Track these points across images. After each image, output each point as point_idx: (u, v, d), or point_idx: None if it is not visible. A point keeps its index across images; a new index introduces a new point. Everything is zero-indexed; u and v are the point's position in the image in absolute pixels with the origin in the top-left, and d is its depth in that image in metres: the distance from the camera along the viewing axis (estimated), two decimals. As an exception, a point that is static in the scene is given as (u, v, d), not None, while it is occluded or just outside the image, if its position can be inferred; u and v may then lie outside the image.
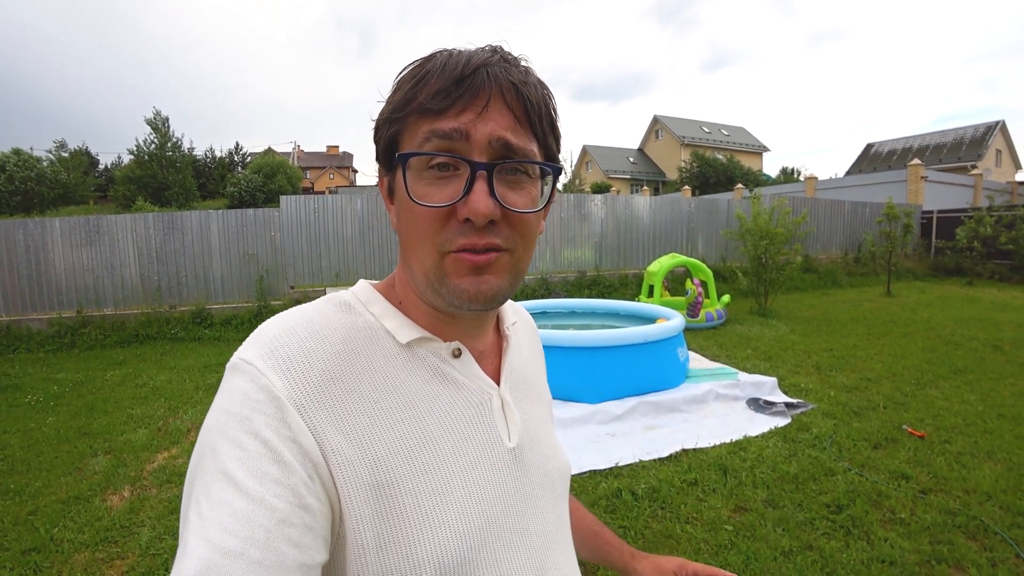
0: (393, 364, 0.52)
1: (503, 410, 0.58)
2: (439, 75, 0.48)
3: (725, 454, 3.23)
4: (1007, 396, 4.33)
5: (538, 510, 0.59)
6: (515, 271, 0.53)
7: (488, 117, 0.48)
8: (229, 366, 0.48)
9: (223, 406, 0.45)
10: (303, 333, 0.49)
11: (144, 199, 24.71)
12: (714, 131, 41.81)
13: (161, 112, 29.00)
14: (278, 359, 0.46)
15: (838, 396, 4.28)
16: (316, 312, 0.53)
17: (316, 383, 0.47)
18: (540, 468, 0.61)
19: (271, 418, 0.43)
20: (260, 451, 0.42)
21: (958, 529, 2.50)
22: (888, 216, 10.42)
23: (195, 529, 0.40)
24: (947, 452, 3.30)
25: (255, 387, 0.45)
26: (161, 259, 8.06)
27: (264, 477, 0.41)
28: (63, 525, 2.75)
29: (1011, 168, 32.39)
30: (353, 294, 0.57)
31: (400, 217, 0.53)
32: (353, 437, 0.47)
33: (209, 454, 0.43)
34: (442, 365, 0.55)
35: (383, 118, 0.52)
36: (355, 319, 0.53)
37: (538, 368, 0.74)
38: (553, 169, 0.53)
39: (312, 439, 0.44)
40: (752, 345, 6.09)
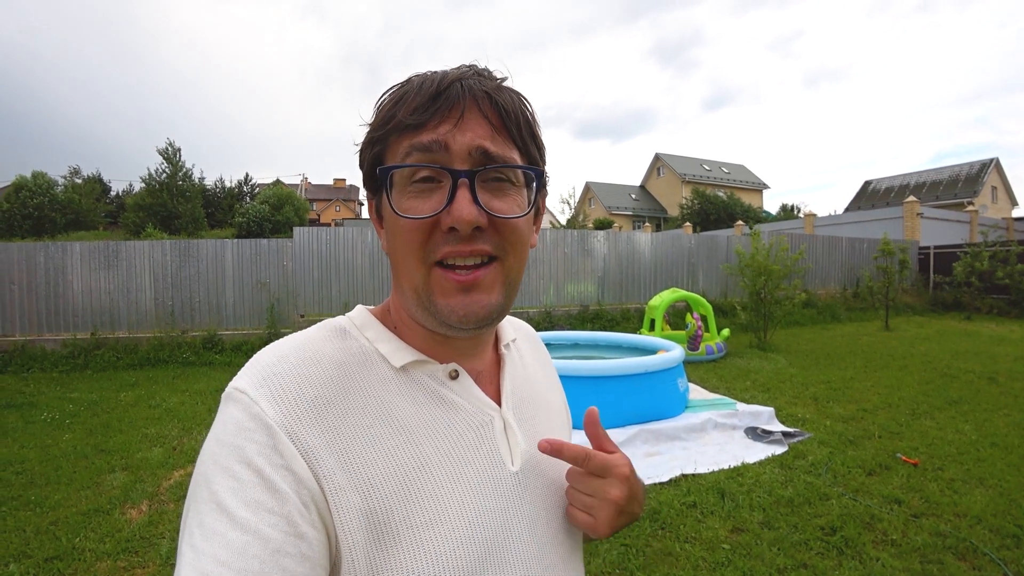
0: (388, 389, 0.51)
1: (505, 432, 0.56)
2: (416, 93, 0.49)
3: (723, 479, 3.34)
4: (1001, 426, 4.43)
5: (546, 536, 0.56)
6: (507, 283, 0.52)
7: (465, 127, 0.48)
8: (224, 395, 0.48)
9: (217, 435, 0.45)
10: (296, 360, 0.49)
11: (154, 227, 25.15)
12: (715, 169, 42.59)
13: (174, 143, 29.79)
14: (270, 386, 0.46)
15: (834, 426, 4.39)
16: (310, 339, 0.53)
17: (309, 409, 0.46)
18: (548, 494, 0.58)
19: (263, 446, 0.43)
20: (253, 480, 0.42)
21: (948, 550, 2.60)
22: (884, 252, 10.63)
23: (188, 562, 0.40)
24: (940, 479, 3.40)
25: (247, 415, 0.44)
26: (176, 285, 8.30)
27: (258, 507, 0.41)
28: (84, 535, 2.86)
29: (1007, 204, 32.83)
30: (349, 319, 0.57)
31: (388, 235, 0.53)
32: (346, 463, 0.46)
33: (203, 484, 0.43)
34: (439, 388, 0.54)
35: (365, 141, 0.53)
36: (349, 344, 0.53)
37: (546, 382, 0.71)
38: (536, 173, 0.53)
39: (305, 465, 0.44)
40: (751, 377, 6.21)
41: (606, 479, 0.55)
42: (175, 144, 29.79)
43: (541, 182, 0.55)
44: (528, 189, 0.53)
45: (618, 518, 0.56)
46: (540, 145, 0.55)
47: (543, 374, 0.71)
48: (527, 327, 0.76)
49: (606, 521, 0.55)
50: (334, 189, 58.27)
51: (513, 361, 0.64)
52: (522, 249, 0.53)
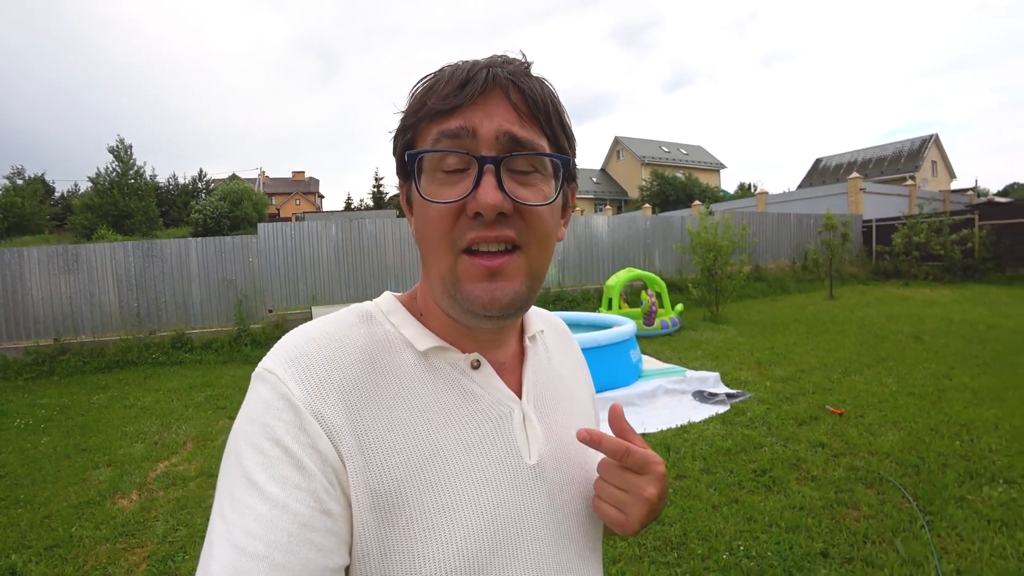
0: (410, 375, 0.52)
1: (524, 425, 0.56)
2: (446, 82, 0.50)
3: (671, 436, 3.73)
4: (919, 378, 4.95)
5: (562, 531, 0.56)
6: (532, 275, 0.52)
7: (493, 114, 0.49)
8: (254, 375, 0.49)
9: (247, 413, 0.47)
10: (323, 342, 0.51)
11: (106, 228, 24.29)
12: (673, 150, 43.51)
13: (124, 140, 28.73)
14: (298, 367, 0.48)
15: (773, 386, 4.84)
16: (338, 322, 0.54)
17: (334, 391, 0.48)
18: (567, 490, 0.58)
19: (290, 425, 0.45)
20: (281, 457, 0.43)
21: (859, 481, 3.02)
22: (827, 226, 11.31)
23: (220, 532, 0.42)
24: (860, 424, 3.85)
25: (275, 395, 0.46)
26: (140, 286, 8.25)
27: (286, 482, 0.43)
28: (79, 525, 3.02)
29: (946, 177, 34.68)
30: (375, 305, 0.57)
31: (417, 222, 0.53)
32: (366, 445, 0.47)
33: (234, 459, 0.45)
34: (460, 377, 0.54)
35: (398, 129, 0.54)
36: (375, 329, 0.54)
37: (573, 377, 0.70)
38: (563, 162, 0.52)
39: (330, 444, 0.45)
40: (702, 347, 6.67)
41: (643, 476, 0.54)
42: (125, 141, 28.73)
43: (569, 172, 0.54)
44: (556, 179, 0.53)
45: (649, 516, 0.55)
46: (570, 135, 0.55)
47: (570, 369, 0.71)
48: (558, 321, 0.76)
49: (638, 518, 0.54)
50: (293, 182, 57.08)
51: (537, 354, 0.64)
52: (547, 241, 0.52)
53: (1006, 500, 2.75)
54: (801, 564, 2.29)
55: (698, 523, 2.62)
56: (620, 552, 2.44)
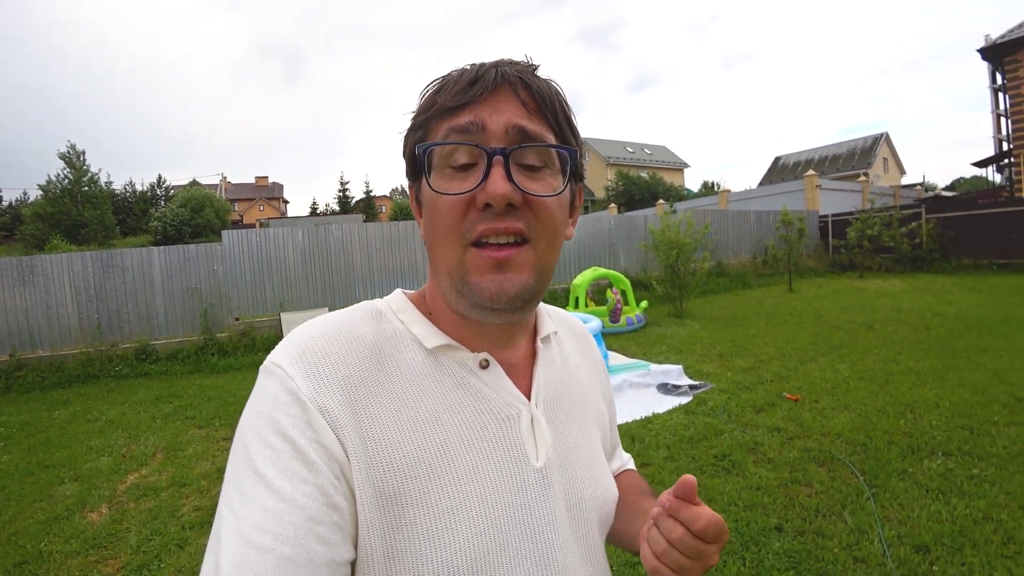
0: (418, 372, 0.52)
1: (532, 427, 0.56)
2: (456, 81, 0.51)
3: (635, 427, 3.89)
4: (870, 364, 5.24)
5: (564, 536, 0.55)
6: (540, 269, 0.52)
7: (502, 108, 0.50)
8: (261, 369, 0.50)
9: (255, 407, 0.47)
10: (331, 338, 0.51)
11: (59, 238, 23.35)
12: (637, 150, 44.30)
13: (76, 145, 27.70)
14: (305, 363, 0.48)
15: (734, 376, 5.06)
16: (346, 318, 0.54)
17: (340, 386, 0.48)
18: (572, 493, 0.57)
19: (297, 419, 0.45)
20: (288, 451, 0.44)
21: (812, 461, 3.22)
22: (784, 222, 11.75)
23: (228, 524, 0.42)
24: (814, 409, 4.08)
25: (282, 389, 0.46)
26: (100, 297, 8.01)
27: (293, 476, 0.43)
28: (48, 540, 2.98)
29: (897, 173, 36.29)
30: (385, 302, 0.58)
31: (426, 218, 0.53)
32: (370, 442, 0.47)
33: (242, 452, 0.45)
34: (467, 376, 0.54)
35: (409, 128, 0.54)
36: (384, 326, 0.54)
37: (589, 380, 0.69)
38: (570, 154, 0.53)
39: (335, 439, 0.46)
40: (666, 342, 6.90)
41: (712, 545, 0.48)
42: (77, 147, 27.69)
43: (576, 168, 0.55)
44: (564, 174, 0.54)
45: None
46: (576, 132, 0.56)
47: (586, 371, 0.70)
48: (576, 322, 0.75)
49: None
50: (256, 187, 55.78)
51: (549, 355, 0.63)
52: (555, 235, 0.53)
53: (943, 471, 2.98)
54: (757, 539, 2.45)
55: (662, 505, 2.76)
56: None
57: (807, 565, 2.25)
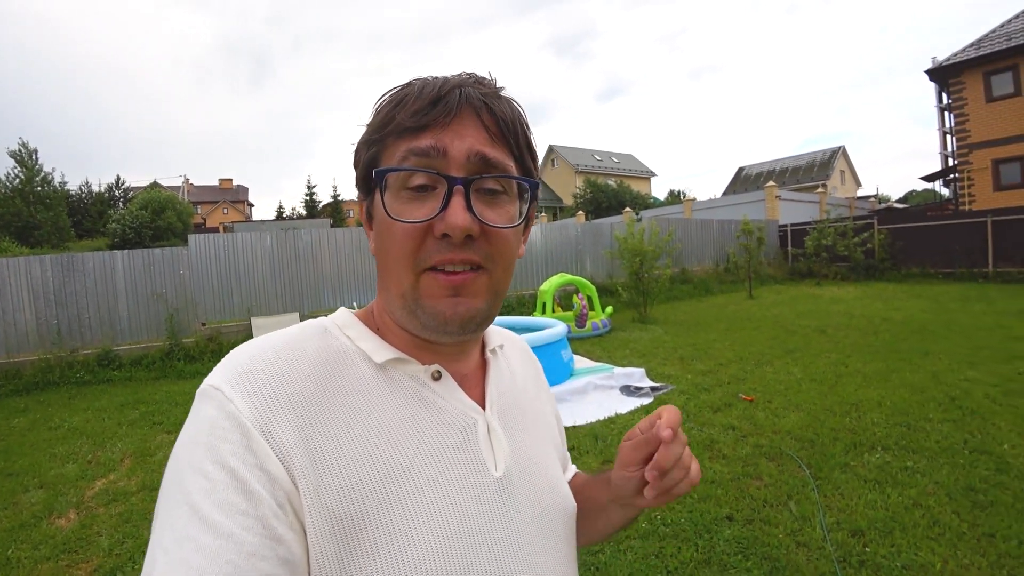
0: (368, 387, 0.50)
1: (489, 436, 0.55)
2: (416, 97, 0.49)
3: (599, 427, 4.08)
4: (821, 366, 5.55)
5: (530, 547, 0.54)
6: (493, 293, 0.52)
7: (464, 133, 0.48)
8: (198, 392, 0.47)
9: (190, 434, 0.44)
10: (273, 356, 0.48)
11: (9, 240, 22.37)
12: (605, 159, 45.11)
13: (28, 143, 26.63)
14: (246, 383, 0.46)
15: (694, 378, 5.30)
16: (289, 336, 0.52)
17: (285, 407, 0.46)
18: (533, 503, 0.56)
19: (236, 445, 0.42)
20: (226, 481, 0.41)
21: (763, 456, 3.44)
22: (744, 231, 12.23)
23: (161, 568, 0.39)
24: (767, 409, 4.32)
25: (221, 413, 0.44)
26: (60, 302, 7.79)
27: (231, 509, 0.40)
28: (16, 547, 2.95)
29: (853, 185, 37.93)
30: (331, 319, 0.56)
31: (378, 239, 0.52)
32: (322, 464, 0.45)
33: (175, 485, 0.42)
34: (420, 388, 0.53)
35: (362, 141, 0.53)
36: (329, 342, 0.52)
37: (538, 396, 0.70)
38: (531, 185, 0.53)
39: (280, 465, 0.43)
40: (630, 346, 7.15)
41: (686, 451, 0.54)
42: (29, 145, 26.63)
43: (535, 194, 0.55)
44: (521, 201, 0.54)
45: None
46: (535, 157, 0.56)
47: (534, 384, 0.70)
48: (519, 339, 0.75)
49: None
50: (220, 190, 54.56)
51: (499, 367, 0.63)
52: (510, 261, 0.53)
53: (881, 464, 3.24)
54: (710, 527, 2.64)
55: (624, 498, 2.94)
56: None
57: (754, 550, 2.44)
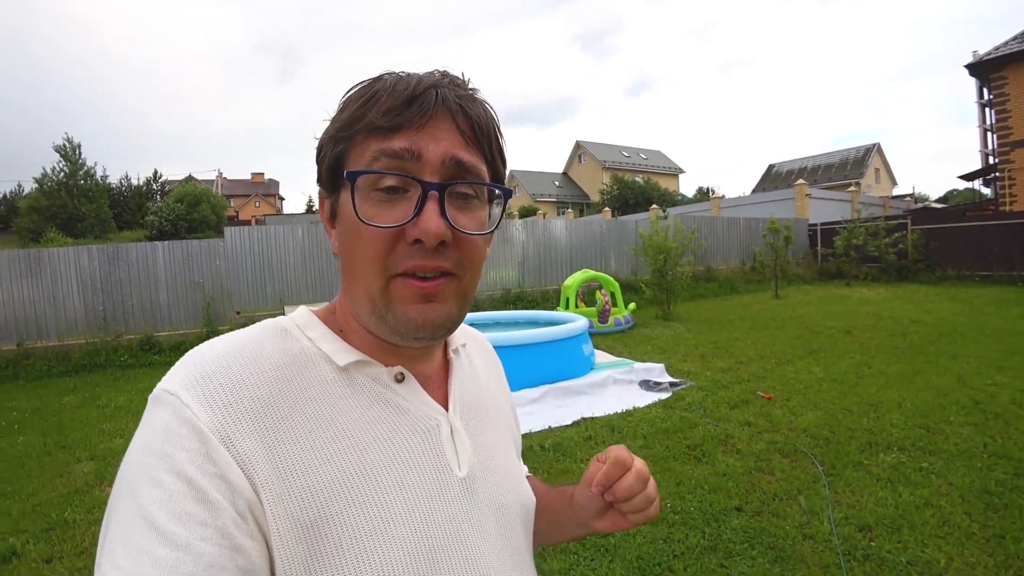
0: (330, 390, 0.50)
1: (452, 437, 0.55)
2: (389, 94, 0.48)
3: (616, 419, 4.18)
4: (843, 367, 5.53)
5: (494, 543, 0.55)
6: (463, 297, 0.52)
7: (440, 137, 0.47)
8: (151, 397, 0.45)
9: (143, 442, 0.43)
10: (232, 359, 0.47)
11: (55, 231, 23.42)
12: (633, 155, 44.74)
13: (72, 139, 27.76)
14: (203, 388, 0.44)
15: (713, 375, 5.35)
16: (248, 338, 0.51)
17: (245, 412, 0.44)
18: (495, 500, 0.57)
19: (194, 453, 0.41)
20: (183, 491, 0.39)
21: (777, 452, 3.50)
22: (771, 230, 12.09)
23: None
24: (785, 407, 4.36)
25: (177, 420, 0.42)
26: (106, 290, 8.27)
27: (189, 519, 0.39)
28: (71, 510, 3.22)
29: (889, 184, 36.82)
30: (290, 319, 0.54)
31: (345, 240, 0.51)
32: (285, 470, 0.44)
33: (127, 497, 0.40)
34: (384, 391, 0.52)
35: (328, 136, 0.51)
36: (290, 344, 0.51)
37: (498, 392, 0.70)
38: (503, 192, 0.53)
39: (241, 473, 0.42)
40: (652, 343, 7.20)
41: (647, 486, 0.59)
42: (73, 140, 27.75)
43: (506, 200, 0.54)
44: (491, 205, 0.54)
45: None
46: (505, 162, 0.55)
47: (495, 382, 0.71)
48: (480, 335, 0.76)
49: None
50: (252, 184, 55.98)
51: (462, 366, 0.63)
52: (479, 265, 0.53)
53: (896, 463, 3.26)
54: (718, 517, 2.73)
55: (635, 487, 3.05)
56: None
57: (760, 540, 2.52)
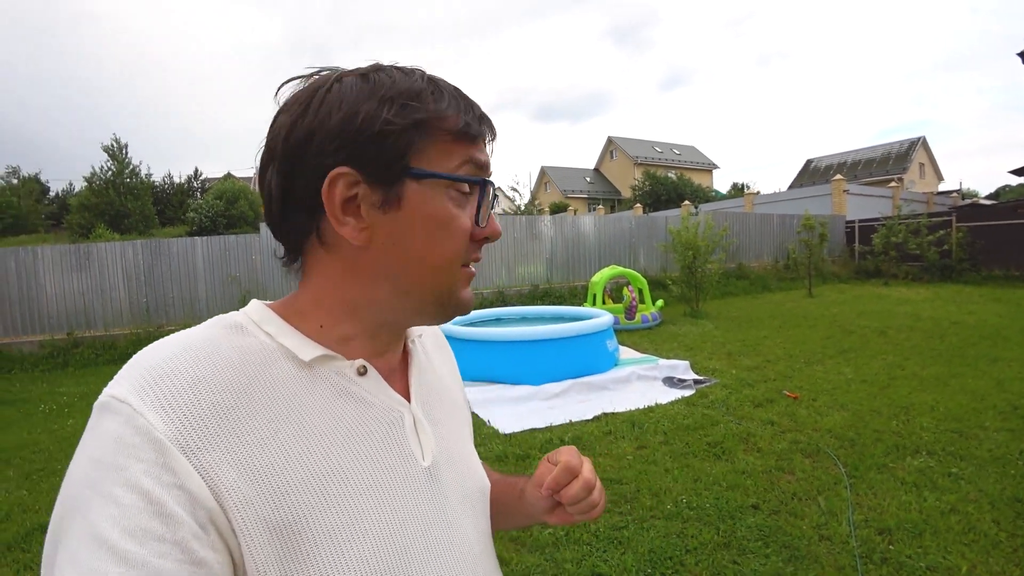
0: (292, 388, 0.48)
1: (415, 428, 0.56)
2: (460, 100, 0.52)
3: (637, 415, 4.18)
4: (875, 368, 5.39)
5: (459, 528, 0.57)
6: None
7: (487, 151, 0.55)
8: (97, 405, 0.42)
9: (91, 455, 0.40)
10: (187, 361, 0.45)
11: (103, 227, 24.50)
12: (666, 150, 44.06)
13: (120, 139, 28.95)
14: (157, 394, 0.42)
15: (739, 374, 5.28)
16: (202, 336, 0.48)
17: (205, 418, 0.43)
18: (458, 486, 0.59)
19: (151, 464, 0.39)
20: (139, 505, 0.37)
21: (799, 452, 3.45)
22: (806, 227, 11.78)
23: None
24: (811, 407, 4.28)
25: (130, 429, 0.40)
26: (149, 283, 8.72)
27: (145, 535, 0.37)
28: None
29: (934, 179, 35.33)
30: (244, 314, 0.52)
31: (417, 235, 0.50)
32: (252, 474, 0.43)
33: (75, 515, 0.38)
34: (347, 384, 0.52)
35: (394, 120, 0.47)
36: (247, 341, 0.49)
37: (452, 380, 0.71)
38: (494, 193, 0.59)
39: (202, 482, 0.40)
40: (679, 340, 7.14)
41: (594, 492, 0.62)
42: (121, 140, 28.96)
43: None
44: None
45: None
46: None
47: (449, 371, 0.72)
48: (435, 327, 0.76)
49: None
50: (289, 181, 57.14)
51: (419, 357, 0.64)
52: None
53: (923, 468, 3.18)
54: (734, 514, 2.72)
55: (651, 482, 3.06)
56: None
57: (775, 538, 2.51)
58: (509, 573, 2.35)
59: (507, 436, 3.93)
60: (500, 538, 2.59)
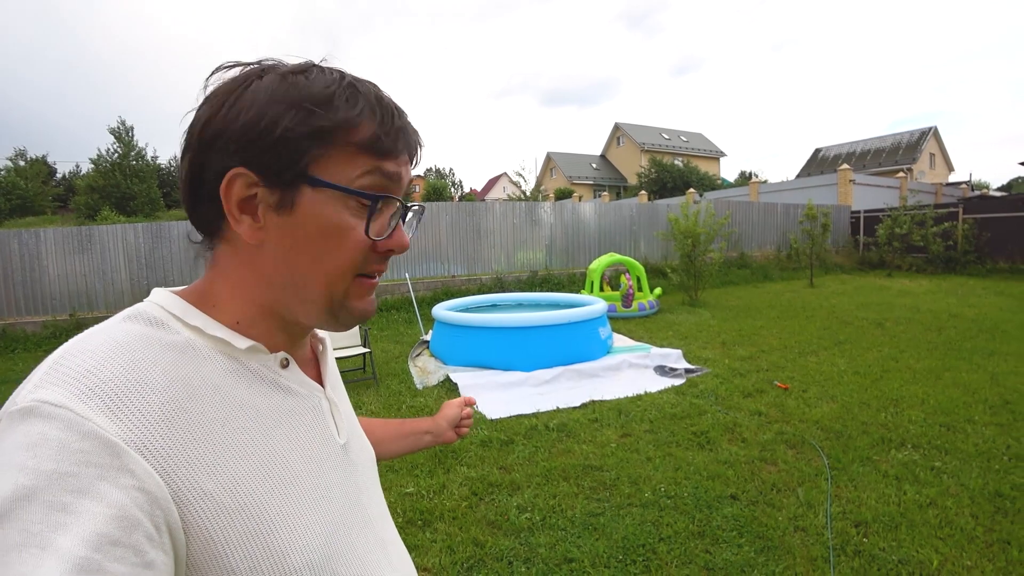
0: (230, 382, 0.50)
1: (331, 411, 0.61)
2: (378, 109, 0.51)
3: (625, 403, 4.20)
4: (869, 360, 5.38)
5: (370, 494, 0.64)
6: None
7: (407, 164, 0.55)
8: (19, 412, 0.39)
9: (26, 466, 0.36)
10: (124, 361, 0.44)
11: (109, 209, 24.58)
12: (673, 137, 43.61)
13: (125, 121, 28.95)
14: (102, 397, 0.41)
15: (731, 363, 5.28)
16: (127, 334, 0.47)
17: (156, 418, 0.42)
18: (362, 457, 0.66)
19: (107, 468, 0.38)
20: (93, 511, 0.36)
21: (784, 443, 3.46)
22: (808, 216, 11.68)
23: None
24: (800, 398, 4.29)
25: (76, 435, 0.38)
26: (150, 265, 8.80)
27: (101, 540, 0.36)
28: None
29: (945, 170, 34.83)
30: (159, 308, 0.51)
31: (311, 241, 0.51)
32: (208, 468, 0.44)
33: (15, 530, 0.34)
34: (275, 377, 0.55)
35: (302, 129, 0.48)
36: (173, 337, 0.49)
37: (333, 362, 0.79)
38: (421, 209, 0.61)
39: (161, 482, 0.41)
40: (674, 329, 7.13)
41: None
42: (127, 123, 28.97)
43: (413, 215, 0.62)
44: None
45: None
46: None
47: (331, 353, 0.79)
48: None
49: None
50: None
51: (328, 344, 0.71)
52: None
53: (907, 461, 3.18)
54: (712, 504, 2.74)
55: (631, 470, 3.09)
56: (559, 490, 2.91)
57: (750, 529, 2.53)
58: (485, 556, 2.38)
59: (493, 421, 3.96)
60: (478, 522, 2.64)
